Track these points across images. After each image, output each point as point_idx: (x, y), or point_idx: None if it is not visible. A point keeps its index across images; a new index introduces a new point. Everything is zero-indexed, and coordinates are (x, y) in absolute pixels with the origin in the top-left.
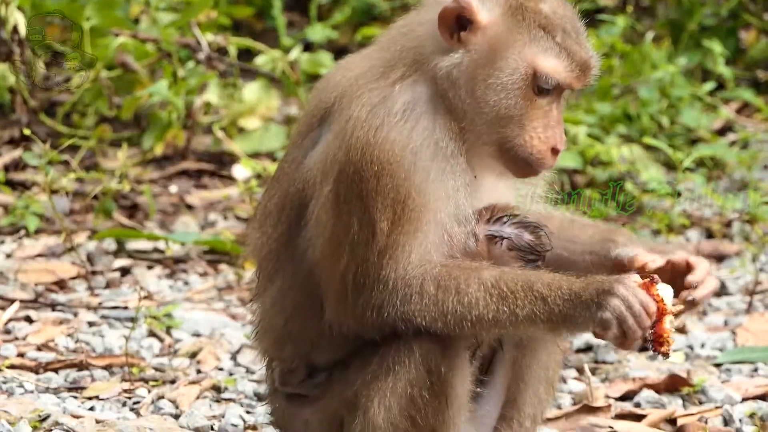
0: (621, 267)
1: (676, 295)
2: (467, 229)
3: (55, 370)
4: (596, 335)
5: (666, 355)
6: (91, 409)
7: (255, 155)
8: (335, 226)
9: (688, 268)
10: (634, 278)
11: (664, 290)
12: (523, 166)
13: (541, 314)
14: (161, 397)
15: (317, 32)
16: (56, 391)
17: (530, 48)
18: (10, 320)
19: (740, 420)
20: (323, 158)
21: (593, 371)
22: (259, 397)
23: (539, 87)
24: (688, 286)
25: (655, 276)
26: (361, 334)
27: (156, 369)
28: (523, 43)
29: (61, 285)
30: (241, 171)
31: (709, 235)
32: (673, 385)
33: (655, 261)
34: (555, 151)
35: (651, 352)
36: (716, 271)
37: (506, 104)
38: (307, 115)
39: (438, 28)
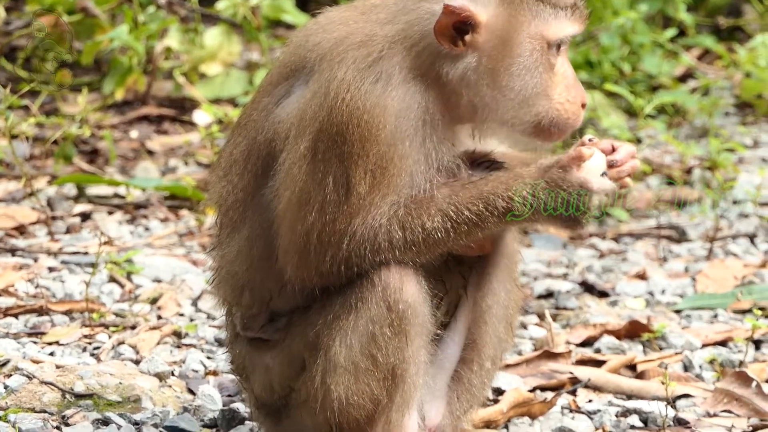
0: None
1: None
2: (447, 177)
3: (15, 315)
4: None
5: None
6: (51, 354)
7: (216, 101)
8: (306, 182)
9: (613, 150)
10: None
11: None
12: (556, 132)
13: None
14: (121, 343)
15: None
16: (16, 336)
17: (535, 23)
18: None
19: (700, 366)
20: (299, 113)
21: (554, 317)
22: (219, 343)
23: (552, 53)
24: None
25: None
26: (327, 287)
27: (116, 314)
28: (528, 22)
29: (21, 230)
30: (202, 116)
31: (670, 181)
32: (633, 331)
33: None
34: (583, 106)
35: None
36: (677, 218)
37: (532, 83)
38: (281, 65)
39: (438, 42)
